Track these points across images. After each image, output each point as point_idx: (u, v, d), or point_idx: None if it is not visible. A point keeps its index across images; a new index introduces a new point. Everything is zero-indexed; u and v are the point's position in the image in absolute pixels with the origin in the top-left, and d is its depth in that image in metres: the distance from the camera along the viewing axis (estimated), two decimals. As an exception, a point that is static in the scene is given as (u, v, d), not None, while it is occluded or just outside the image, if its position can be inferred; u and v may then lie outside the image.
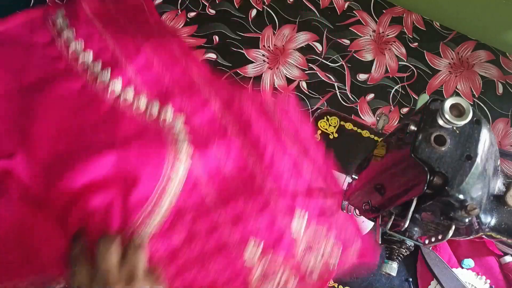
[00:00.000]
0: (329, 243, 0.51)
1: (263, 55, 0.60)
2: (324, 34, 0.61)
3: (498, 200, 0.33)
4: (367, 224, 0.52)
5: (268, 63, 0.59)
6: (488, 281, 0.50)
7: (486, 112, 0.59)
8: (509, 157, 0.56)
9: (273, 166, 0.52)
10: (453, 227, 0.31)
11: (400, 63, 0.61)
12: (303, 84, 0.59)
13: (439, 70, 0.61)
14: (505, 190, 0.33)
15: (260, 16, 0.61)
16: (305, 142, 0.54)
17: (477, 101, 0.60)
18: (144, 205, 0.47)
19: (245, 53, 0.60)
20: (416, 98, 0.59)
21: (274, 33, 0.61)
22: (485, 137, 0.31)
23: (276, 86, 0.59)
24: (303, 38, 0.61)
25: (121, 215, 0.46)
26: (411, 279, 0.51)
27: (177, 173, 0.48)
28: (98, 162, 0.47)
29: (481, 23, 0.60)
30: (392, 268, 0.37)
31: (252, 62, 0.59)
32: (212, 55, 0.59)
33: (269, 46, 0.60)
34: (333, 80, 0.59)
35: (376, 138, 0.57)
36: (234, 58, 0.59)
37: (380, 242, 0.38)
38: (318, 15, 0.62)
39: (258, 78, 0.59)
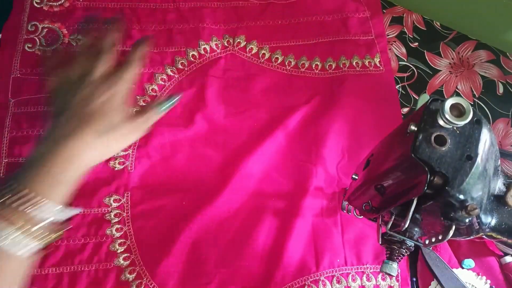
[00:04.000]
0: None
1: (263, 55, 0.60)
2: (324, 34, 0.61)
3: (498, 200, 0.33)
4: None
5: (268, 63, 0.59)
6: (489, 281, 0.50)
7: (487, 112, 0.59)
8: (509, 157, 0.56)
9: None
10: (454, 227, 0.31)
11: (400, 63, 0.60)
12: (303, 84, 0.59)
13: (440, 70, 0.61)
14: (505, 190, 0.33)
15: (260, 16, 0.61)
16: None
17: (478, 101, 0.60)
18: None
19: (245, 53, 0.60)
20: (417, 98, 0.59)
21: (274, 33, 0.60)
22: (485, 137, 0.31)
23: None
24: (303, 38, 0.61)
25: None
26: (414, 279, 0.51)
27: None
28: None
29: (482, 23, 0.60)
30: (392, 268, 0.37)
31: (252, 62, 0.59)
32: (212, 55, 0.59)
33: (269, 46, 0.60)
34: (333, 80, 0.59)
35: (376, 138, 0.57)
36: (234, 58, 0.59)
37: (380, 243, 0.38)
38: (318, 15, 0.62)
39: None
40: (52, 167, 0.39)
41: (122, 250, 0.48)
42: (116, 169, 0.50)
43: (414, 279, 0.51)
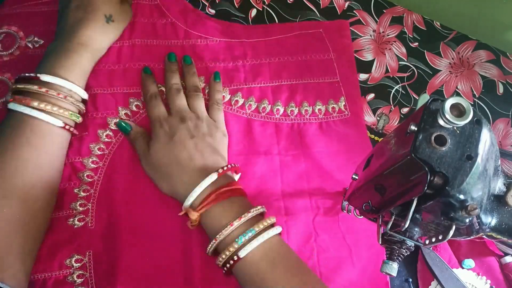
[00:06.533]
0: None
1: (263, 55, 0.59)
2: (324, 34, 0.61)
3: (498, 200, 0.33)
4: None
5: (268, 63, 0.59)
6: (489, 281, 0.50)
7: (487, 112, 0.59)
8: (509, 157, 0.56)
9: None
10: (454, 227, 0.31)
11: (400, 63, 0.60)
12: (303, 84, 0.59)
13: (440, 70, 0.61)
14: (505, 190, 0.33)
15: (260, 16, 0.61)
16: None
17: (478, 101, 0.60)
18: None
19: (245, 53, 0.59)
20: (417, 98, 0.59)
21: (274, 33, 0.60)
22: (485, 137, 0.31)
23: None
24: (303, 38, 0.61)
25: None
26: (411, 279, 0.51)
27: None
28: None
29: (481, 23, 0.60)
30: (392, 268, 0.37)
31: (252, 62, 0.59)
32: (212, 55, 0.59)
33: (269, 46, 0.60)
34: (333, 80, 0.59)
35: (376, 138, 0.57)
36: (234, 58, 0.59)
37: (380, 243, 0.38)
38: (318, 15, 0.62)
39: (258, 78, 0.58)
40: (69, 51, 0.46)
41: None
42: (75, 226, 0.47)
43: (410, 280, 0.51)
